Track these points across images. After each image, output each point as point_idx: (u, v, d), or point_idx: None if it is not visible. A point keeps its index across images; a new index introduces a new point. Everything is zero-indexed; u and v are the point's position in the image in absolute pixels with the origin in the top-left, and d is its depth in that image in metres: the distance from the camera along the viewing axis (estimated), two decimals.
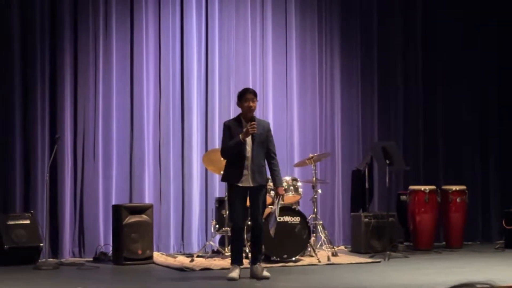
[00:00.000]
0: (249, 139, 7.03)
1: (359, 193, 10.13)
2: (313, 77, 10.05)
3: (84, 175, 8.94)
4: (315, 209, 8.87)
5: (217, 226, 8.64)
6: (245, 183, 7.04)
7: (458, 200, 9.67)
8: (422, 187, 9.63)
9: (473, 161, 10.69)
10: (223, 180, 7.37)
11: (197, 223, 9.37)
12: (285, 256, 8.17)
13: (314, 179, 8.82)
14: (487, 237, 10.56)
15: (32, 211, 8.49)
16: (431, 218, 9.54)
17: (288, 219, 8.22)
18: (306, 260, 8.31)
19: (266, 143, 7.14)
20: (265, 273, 7.08)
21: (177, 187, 9.33)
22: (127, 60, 9.17)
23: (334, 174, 10.06)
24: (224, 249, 8.55)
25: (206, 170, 9.24)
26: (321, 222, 8.97)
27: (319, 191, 8.98)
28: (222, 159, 7.40)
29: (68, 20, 8.89)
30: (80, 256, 8.81)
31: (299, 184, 8.71)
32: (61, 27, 8.87)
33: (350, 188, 10.19)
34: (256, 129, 6.96)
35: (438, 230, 9.87)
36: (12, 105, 8.62)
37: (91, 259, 8.60)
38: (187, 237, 9.32)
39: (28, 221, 8.34)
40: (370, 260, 8.46)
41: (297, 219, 8.27)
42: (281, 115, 9.86)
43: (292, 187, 8.58)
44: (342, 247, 9.80)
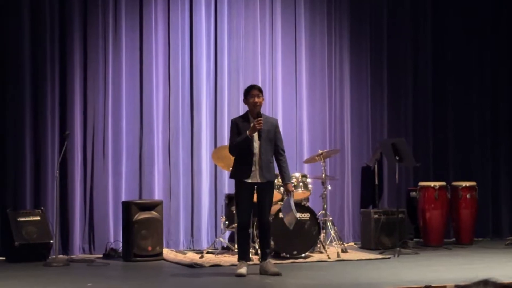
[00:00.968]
0: (256, 135, 7.03)
1: (368, 190, 10.14)
2: (322, 74, 10.05)
3: (93, 171, 8.97)
4: (325, 206, 8.87)
5: (226, 222, 8.65)
6: (253, 179, 7.05)
7: (468, 196, 9.65)
8: (432, 184, 9.62)
9: (483, 157, 10.67)
10: (232, 177, 7.38)
11: (206, 219, 9.39)
12: (295, 252, 8.17)
13: (323, 175, 8.82)
14: (497, 233, 10.54)
15: (42, 208, 8.53)
16: (441, 214, 9.53)
17: (297, 215, 8.20)
18: (316, 257, 8.31)
19: (274, 139, 7.14)
20: (275, 269, 7.08)
21: (187, 183, 9.34)
22: (136, 57, 9.19)
23: (344, 170, 10.06)
24: (234, 246, 8.55)
25: (216, 166, 9.25)
26: (330, 218, 8.98)
27: (329, 187, 8.99)
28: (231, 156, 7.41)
29: (77, 17, 8.91)
30: (90, 253, 8.84)
31: (308, 180, 8.72)
32: (71, 24, 8.89)
33: (359, 185, 10.19)
34: (262, 124, 6.96)
35: (448, 227, 9.86)
36: (22, 102, 8.65)
37: (101, 255, 8.62)
38: (196, 233, 9.34)
39: (38, 218, 8.37)
40: (380, 256, 8.46)
41: (306, 216, 8.28)
42: (290, 111, 9.86)
43: (301, 184, 8.59)
44: (352, 243, 9.81)
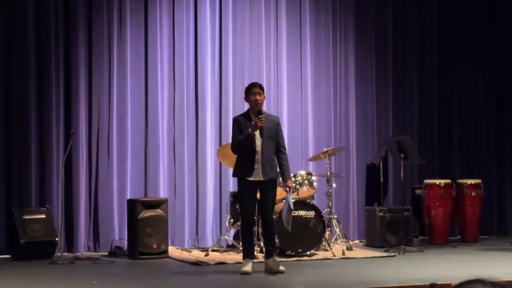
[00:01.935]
0: (258, 133, 7.05)
1: (373, 187, 10.14)
2: (327, 71, 10.05)
3: (98, 170, 8.99)
4: (330, 203, 8.88)
5: (231, 220, 8.66)
6: (256, 177, 7.07)
7: (473, 194, 9.65)
8: (437, 181, 9.62)
9: (488, 154, 10.66)
10: (234, 175, 7.40)
11: (211, 217, 9.40)
12: (300, 250, 8.19)
13: (328, 173, 8.82)
14: (502, 231, 10.54)
15: (48, 206, 8.55)
16: (446, 212, 9.53)
17: (302, 213, 8.23)
18: (321, 254, 8.32)
19: (275, 137, 7.16)
20: (280, 267, 7.09)
21: (192, 181, 9.36)
22: (141, 55, 9.21)
23: (349, 168, 10.06)
24: (239, 243, 8.55)
25: (220, 164, 9.26)
26: (335, 216, 8.99)
27: (334, 185, 8.99)
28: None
29: (82, 16, 8.92)
30: (95, 251, 8.86)
31: (313, 178, 8.73)
32: (75, 23, 8.90)
33: (364, 182, 10.20)
34: (264, 122, 6.97)
35: (453, 224, 9.86)
36: (28, 101, 8.66)
37: (106, 253, 8.65)
38: (201, 231, 9.36)
39: (44, 216, 8.39)
40: (385, 254, 8.47)
41: (311, 213, 8.29)
42: (295, 109, 9.86)
43: (306, 181, 8.60)
44: (357, 241, 9.82)
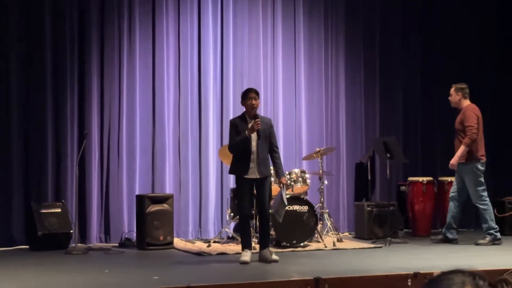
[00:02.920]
0: (254, 134, 7.12)
1: (362, 184, 10.16)
2: (319, 78, 10.09)
3: (109, 167, 9.02)
4: (322, 199, 8.92)
5: (232, 214, 8.70)
6: (252, 175, 7.14)
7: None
8: (420, 179, 9.65)
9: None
10: (231, 173, 7.45)
11: (213, 211, 9.43)
12: (294, 241, 8.23)
13: (320, 171, 8.87)
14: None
15: (63, 201, 8.59)
16: (429, 207, 9.56)
17: (297, 207, 8.27)
18: (314, 246, 8.35)
19: (269, 138, 7.23)
20: (274, 256, 7.14)
21: (195, 178, 9.39)
22: (149, 62, 9.24)
23: (339, 166, 10.10)
24: (238, 235, 8.59)
25: (222, 163, 9.29)
26: (327, 210, 9.02)
27: (325, 182, 9.03)
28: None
29: (95, 26, 8.96)
30: (106, 242, 8.89)
31: (307, 175, 8.77)
32: (89, 33, 8.93)
33: (353, 180, 10.22)
34: (260, 125, 7.05)
35: (435, 218, 9.88)
36: (44, 105, 8.70)
37: (117, 244, 8.67)
38: (204, 224, 9.39)
39: (59, 210, 8.42)
40: (372, 245, 8.50)
41: (305, 208, 8.33)
42: (290, 112, 9.90)
43: (300, 179, 8.65)
44: (347, 233, 9.84)
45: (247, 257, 7.08)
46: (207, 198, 9.41)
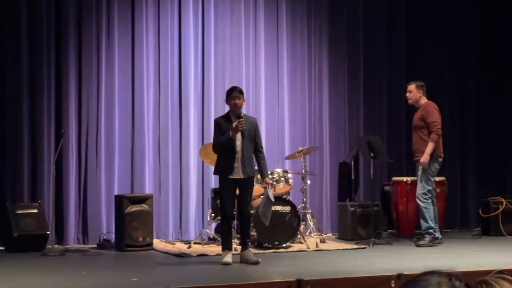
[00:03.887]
0: (238, 134, 7.11)
1: (345, 184, 10.18)
2: (302, 75, 10.09)
3: (87, 167, 8.98)
4: (305, 199, 8.92)
5: (213, 215, 8.68)
6: (236, 175, 7.14)
7: (437, 190, 9.65)
8: (405, 178, 9.67)
9: (452, 154, 10.72)
10: (216, 173, 7.43)
11: (194, 212, 9.41)
12: (276, 242, 8.22)
13: (303, 171, 8.87)
14: (465, 225, 10.62)
15: (40, 201, 8.53)
16: (413, 207, 9.56)
17: (279, 208, 8.26)
18: (296, 247, 8.36)
19: (254, 137, 7.22)
20: (256, 258, 7.13)
21: (176, 178, 9.37)
22: (128, 59, 9.20)
23: (322, 166, 10.11)
24: (219, 236, 8.58)
25: (203, 162, 9.28)
26: (310, 211, 9.03)
27: (308, 182, 9.04)
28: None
29: (72, 22, 8.91)
30: (84, 243, 8.85)
31: (289, 175, 8.76)
32: (66, 29, 8.89)
33: (337, 179, 10.24)
34: (244, 125, 7.04)
35: (419, 218, 9.89)
36: (21, 103, 8.65)
37: (95, 246, 8.64)
38: (184, 225, 9.37)
39: (36, 210, 8.37)
40: (356, 246, 8.51)
41: (287, 208, 8.32)
42: (272, 111, 9.90)
43: (283, 179, 8.64)
44: (330, 234, 9.85)
45: (229, 258, 7.07)
46: (187, 198, 9.38)
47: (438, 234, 8.55)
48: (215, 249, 8.11)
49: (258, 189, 7.94)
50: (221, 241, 7.47)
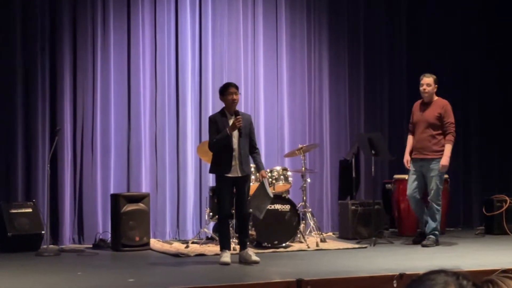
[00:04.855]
0: (235, 132, 7.10)
1: (346, 182, 10.18)
2: (302, 71, 10.09)
3: (83, 165, 8.97)
4: (304, 197, 8.92)
5: (211, 214, 8.67)
6: (234, 173, 7.14)
7: None
8: (406, 176, 9.64)
9: (455, 151, 10.69)
10: (212, 172, 7.43)
11: (191, 211, 9.41)
12: (276, 242, 8.22)
13: (303, 168, 8.86)
14: (468, 223, 10.63)
15: (34, 200, 8.52)
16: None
17: (278, 207, 8.26)
18: (296, 246, 8.35)
19: (249, 134, 7.23)
20: (255, 257, 7.12)
21: (173, 177, 9.36)
22: (124, 55, 9.19)
23: (323, 164, 10.11)
24: (218, 236, 8.57)
25: (200, 160, 9.27)
26: (310, 209, 9.03)
27: (308, 180, 9.03)
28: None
29: (67, 17, 8.90)
30: (80, 243, 8.85)
31: (289, 173, 8.76)
32: (61, 24, 8.88)
33: (337, 177, 10.24)
34: (241, 122, 7.04)
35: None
36: (14, 99, 8.63)
37: (91, 245, 8.63)
38: (182, 224, 9.36)
39: (30, 210, 8.36)
40: (357, 245, 8.51)
41: (287, 207, 8.32)
42: (271, 107, 9.89)
43: (282, 176, 8.63)
44: (330, 233, 9.86)
45: (227, 258, 7.06)
46: (185, 197, 9.38)
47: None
48: (213, 248, 8.09)
49: (255, 187, 7.92)
50: (219, 240, 7.46)
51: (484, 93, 10.91)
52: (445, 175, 9.68)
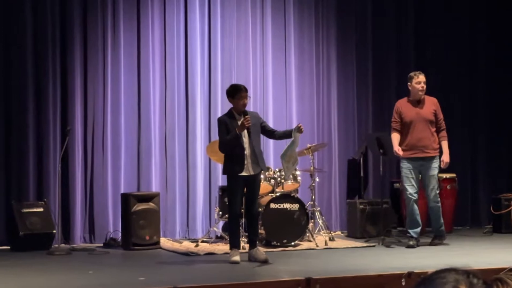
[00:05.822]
0: (244, 131, 7.12)
1: (354, 181, 10.16)
2: (310, 71, 10.09)
3: (94, 165, 9.00)
4: (313, 197, 8.92)
5: (220, 213, 8.68)
6: (246, 172, 7.16)
7: (448, 187, 9.69)
8: None
9: (463, 150, 10.69)
10: (225, 173, 7.42)
11: (201, 210, 9.42)
12: (285, 241, 8.22)
13: (312, 168, 8.87)
14: (476, 222, 10.59)
15: (45, 200, 8.55)
16: (423, 204, 9.52)
17: (287, 206, 8.27)
18: (305, 245, 8.36)
19: (260, 130, 7.27)
20: (264, 256, 7.13)
21: (182, 176, 9.38)
22: (134, 56, 9.21)
23: (331, 163, 10.10)
24: (227, 235, 8.59)
25: (210, 160, 9.28)
26: (318, 208, 9.02)
27: (317, 179, 9.04)
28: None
29: (77, 18, 8.93)
30: (91, 242, 8.87)
31: (297, 173, 8.76)
32: (71, 26, 8.90)
33: (346, 177, 10.23)
34: (250, 122, 7.07)
35: (429, 216, 9.88)
36: (26, 100, 8.67)
37: (101, 244, 8.66)
38: (192, 223, 9.38)
39: (42, 209, 8.39)
40: (365, 244, 8.51)
41: (296, 206, 8.32)
42: (280, 107, 9.90)
43: (291, 176, 8.63)
44: (339, 232, 9.85)
45: (237, 257, 7.08)
46: (194, 196, 9.39)
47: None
48: (222, 247, 8.11)
49: (264, 186, 7.94)
50: (229, 239, 7.48)
51: (492, 90, 10.86)
52: (453, 174, 9.72)
